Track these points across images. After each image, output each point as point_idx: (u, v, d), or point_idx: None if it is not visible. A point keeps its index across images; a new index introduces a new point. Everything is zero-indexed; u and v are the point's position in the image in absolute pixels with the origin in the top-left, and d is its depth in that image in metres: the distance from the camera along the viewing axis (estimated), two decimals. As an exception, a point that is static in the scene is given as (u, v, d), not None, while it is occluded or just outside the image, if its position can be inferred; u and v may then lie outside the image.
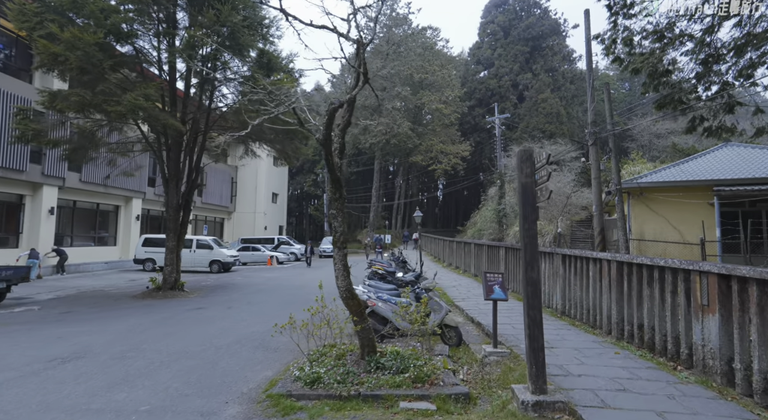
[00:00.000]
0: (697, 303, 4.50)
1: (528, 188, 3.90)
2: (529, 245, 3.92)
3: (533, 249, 3.91)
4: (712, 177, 15.41)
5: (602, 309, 6.45)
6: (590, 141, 15.16)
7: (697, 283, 4.51)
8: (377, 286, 8.10)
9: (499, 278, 5.52)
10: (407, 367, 4.64)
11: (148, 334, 7.30)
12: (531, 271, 3.87)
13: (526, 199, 3.92)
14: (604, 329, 6.38)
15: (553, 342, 5.85)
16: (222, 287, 14.60)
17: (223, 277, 18.69)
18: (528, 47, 44.32)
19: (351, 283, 4.66)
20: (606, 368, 4.70)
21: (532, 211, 3.92)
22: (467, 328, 7.44)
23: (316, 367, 4.70)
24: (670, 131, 39.58)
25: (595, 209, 14.98)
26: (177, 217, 12.31)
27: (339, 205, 4.43)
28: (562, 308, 7.79)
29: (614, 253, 17.73)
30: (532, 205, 3.90)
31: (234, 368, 5.24)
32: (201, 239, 21.25)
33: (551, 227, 22.73)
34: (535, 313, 3.85)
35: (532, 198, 3.90)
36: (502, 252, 11.55)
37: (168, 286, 12.11)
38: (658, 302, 5.17)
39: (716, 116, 11.73)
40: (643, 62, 11.12)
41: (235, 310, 9.76)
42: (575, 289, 7.36)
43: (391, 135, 36.57)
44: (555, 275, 8.11)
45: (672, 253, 15.58)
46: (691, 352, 4.62)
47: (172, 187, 12.12)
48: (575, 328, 6.77)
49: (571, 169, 29.03)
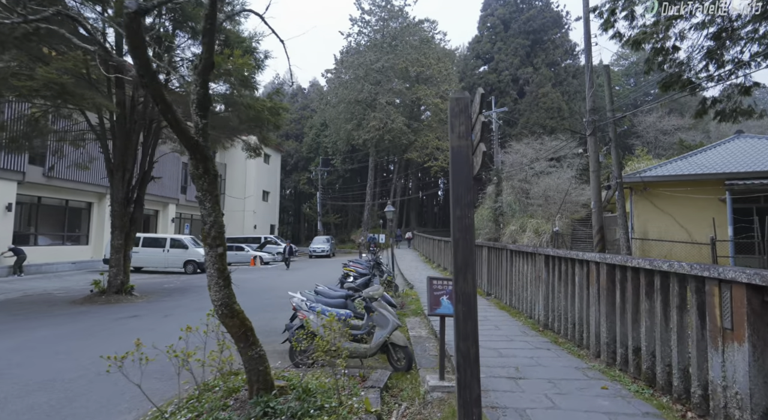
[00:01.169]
0: (715, 325, 3.15)
1: (462, 155, 2.58)
2: (461, 242, 2.60)
3: (467, 247, 2.58)
4: (724, 170, 13.96)
5: (590, 324, 5.10)
6: (588, 130, 13.75)
7: (715, 296, 3.16)
8: (325, 293, 6.78)
9: (448, 286, 4.19)
10: (307, 412, 3.32)
11: (39, 351, 6.03)
12: (463, 281, 2.54)
13: (459, 171, 2.60)
14: (591, 350, 5.02)
15: (524, 369, 4.51)
16: (182, 290, 13.35)
17: (194, 278, 17.45)
18: (529, 41, 42.83)
19: (231, 294, 3.35)
20: (587, 416, 3.36)
21: (467, 190, 2.59)
22: (428, 345, 6.11)
23: (185, 414, 3.40)
24: (677, 128, 37.97)
25: (594, 205, 13.57)
26: (124, 213, 11.05)
27: (205, 185, 3.12)
28: (545, 320, 6.44)
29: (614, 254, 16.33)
30: (467, 181, 2.57)
31: (87, 411, 3.94)
32: (175, 238, 20.03)
33: (549, 226, 21.32)
34: (468, 347, 2.52)
35: (467, 170, 2.58)
36: (485, 252, 10.20)
37: (113, 289, 10.86)
38: (661, 320, 3.82)
39: (730, 98, 10.31)
40: (645, 35, 9.73)
41: (171, 319, 8.48)
42: (560, 298, 6.01)
43: (385, 131, 35.25)
44: (537, 280, 6.76)
45: (678, 254, 14.14)
46: (707, 394, 3.27)
47: (118, 179, 10.86)
48: (557, 348, 5.42)
49: (572, 166, 27.57)
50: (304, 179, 47.70)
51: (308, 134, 47.02)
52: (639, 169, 21.85)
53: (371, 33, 39.90)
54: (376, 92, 36.11)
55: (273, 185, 40.39)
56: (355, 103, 36.84)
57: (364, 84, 36.22)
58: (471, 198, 2.64)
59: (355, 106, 36.86)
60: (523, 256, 7.54)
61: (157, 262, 19.73)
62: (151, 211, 27.23)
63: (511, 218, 26.04)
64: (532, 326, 6.63)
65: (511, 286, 8.23)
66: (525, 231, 22.56)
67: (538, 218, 23.52)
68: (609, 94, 13.42)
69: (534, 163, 27.51)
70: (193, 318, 9.21)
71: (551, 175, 26.48)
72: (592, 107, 13.61)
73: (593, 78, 13.97)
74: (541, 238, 20.87)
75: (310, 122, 47.24)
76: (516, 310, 7.79)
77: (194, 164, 3.11)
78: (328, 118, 41.53)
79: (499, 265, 9.01)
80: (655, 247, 14.64)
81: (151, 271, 20.12)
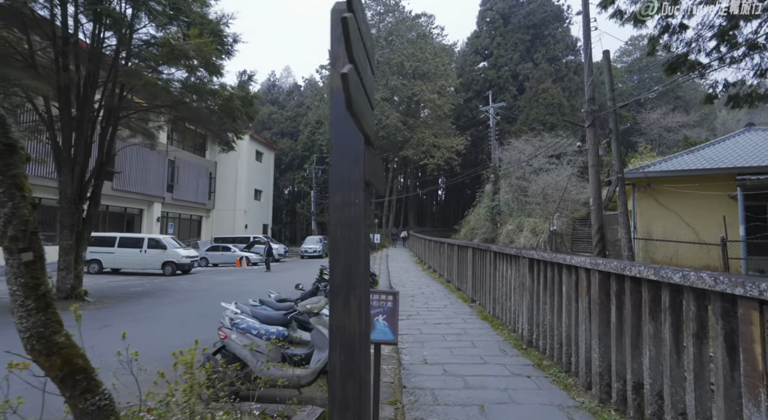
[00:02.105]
0: (754, 368, 2.11)
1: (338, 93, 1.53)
2: (343, 244, 1.56)
3: (354, 253, 1.54)
4: (735, 164, 12.85)
5: (579, 346, 4.06)
6: (588, 121, 12.68)
7: (754, 325, 2.11)
8: (271, 303, 5.74)
9: (387, 303, 3.15)
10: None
11: None
12: (343, 310, 1.51)
13: (342, 126, 1.56)
14: (581, 379, 3.98)
15: (492, 409, 3.47)
16: (146, 294, 12.36)
17: (169, 280, 16.47)
18: (529, 35, 41.72)
19: (48, 321, 2.32)
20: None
21: (354, 161, 1.56)
22: (386, 368, 5.06)
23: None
24: (682, 124, 36.74)
25: (593, 203, 12.50)
26: (74, 210, 10.05)
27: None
28: (529, 336, 5.39)
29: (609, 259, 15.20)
30: (354, 144, 1.54)
31: None
32: (153, 238, 19.05)
33: (547, 225, 20.23)
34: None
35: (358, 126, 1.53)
36: (470, 253, 9.15)
37: (62, 295, 9.87)
38: (670, 351, 2.78)
39: (744, 82, 9.24)
40: (648, 10, 8.67)
41: (107, 331, 7.48)
42: (545, 311, 4.96)
43: (380, 127, 34.21)
44: (521, 288, 5.71)
45: (685, 255, 13.05)
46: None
47: (66, 173, 9.86)
48: (539, 374, 4.37)
49: (572, 163, 26.45)
50: (299, 178, 46.71)
51: (303, 132, 46.04)
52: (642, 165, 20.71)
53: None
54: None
55: (266, 184, 39.41)
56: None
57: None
58: (362, 173, 1.61)
59: (350, 103, 35.84)
60: (506, 259, 6.49)
61: (133, 264, 18.78)
62: (135, 210, 26.31)
63: (508, 217, 24.97)
64: (515, 343, 5.58)
65: (494, 293, 7.19)
66: (522, 230, 21.49)
67: (536, 217, 22.42)
68: (609, 81, 12.34)
69: (533, 160, 26.40)
70: (136, 329, 8.25)
71: (550, 172, 25.39)
72: (591, 97, 12.55)
73: (592, 66, 12.91)
74: (538, 238, 19.80)
75: (305, 120, 46.26)
76: (499, 321, 6.75)
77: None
78: (322, 115, 40.56)
79: (483, 268, 7.97)
80: (659, 247, 13.56)
81: (129, 272, 19.19)
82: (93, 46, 10.06)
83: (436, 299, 9.44)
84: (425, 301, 9.20)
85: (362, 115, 1.50)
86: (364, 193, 1.56)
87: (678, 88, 47.85)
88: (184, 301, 11.21)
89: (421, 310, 8.02)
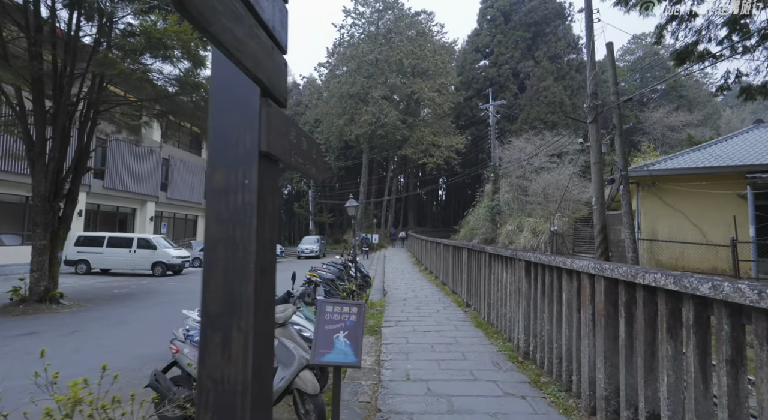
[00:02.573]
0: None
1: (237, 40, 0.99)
2: (221, 249, 1.02)
3: (238, 263, 1.00)
4: (744, 162, 12.29)
5: (581, 363, 3.52)
6: (590, 117, 12.13)
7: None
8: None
9: (350, 317, 2.61)
10: None
11: None
12: (221, 354, 0.97)
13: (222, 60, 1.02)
14: (583, 402, 3.44)
15: (477, 438, 2.93)
16: (132, 296, 11.84)
17: (157, 281, 15.96)
18: (530, 33, 41.14)
19: None
20: None
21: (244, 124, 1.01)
22: (365, 384, 4.52)
23: None
24: (685, 124, 36.15)
25: (595, 202, 11.94)
26: (48, 208, 9.54)
27: None
28: (525, 347, 4.85)
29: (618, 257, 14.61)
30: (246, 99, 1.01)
31: None
32: (143, 238, 18.52)
33: (547, 226, 19.66)
34: None
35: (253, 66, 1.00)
36: (465, 255, 8.61)
37: (35, 297, 9.35)
38: (696, 378, 2.24)
39: (759, 71, 8.69)
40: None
41: (74, 337, 6.94)
42: (543, 320, 4.42)
43: (378, 125, 33.67)
44: (517, 293, 5.18)
45: (691, 256, 12.49)
46: None
47: (39, 169, 9.35)
48: (536, 394, 3.83)
49: (574, 162, 25.87)
50: (297, 177, 46.17)
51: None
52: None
53: (365, 25, 38.36)
54: (369, 86, 34.53)
55: (263, 183, 38.87)
56: (347, 97, 35.29)
57: (356, 77, 34.67)
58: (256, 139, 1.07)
59: (348, 101, 35.30)
60: (502, 262, 5.96)
61: (123, 264, 18.27)
62: (128, 210, 25.83)
63: (508, 217, 24.40)
64: (510, 355, 5.04)
65: (489, 297, 6.65)
66: (522, 231, 20.92)
67: (537, 217, 21.86)
68: (613, 74, 11.79)
69: (533, 159, 25.82)
70: (108, 335, 7.72)
71: (551, 171, 24.81)
72: (594, 91, 12.00)
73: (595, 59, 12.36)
74: (538, 239, 19.25)
75: (304, 119, 45.74)
76: (494, 329, 6.21)
77: None
78: (320, 114, 40.03)
79: (479, 271, 7.43)
80: (665, 248, 13.00)
81: (119, 273, 18.68)
82: (69, 35, 9.55)
83: (428, 303, 8.90)
84: (417, 305, 8.66)
85: (240, 43, 0.96)
86: (258, 171, 1.02)
87: (681, 87, 47.28)
88: (168, 304, 10.69)
89: (411, 316, 7.48)
